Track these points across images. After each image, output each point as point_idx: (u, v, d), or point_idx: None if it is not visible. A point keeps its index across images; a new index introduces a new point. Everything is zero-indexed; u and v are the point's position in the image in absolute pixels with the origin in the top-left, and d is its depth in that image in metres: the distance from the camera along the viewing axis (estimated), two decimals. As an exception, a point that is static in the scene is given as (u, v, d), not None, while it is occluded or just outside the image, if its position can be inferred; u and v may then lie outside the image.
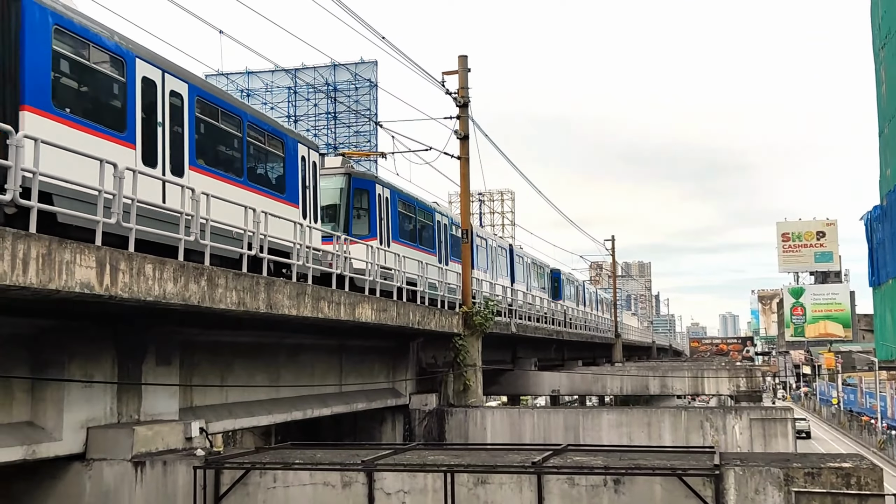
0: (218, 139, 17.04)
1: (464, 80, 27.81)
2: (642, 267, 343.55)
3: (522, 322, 36.04)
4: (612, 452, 14.68)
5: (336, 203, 23.28)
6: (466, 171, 27.81)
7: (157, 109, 14.89)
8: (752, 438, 22.36)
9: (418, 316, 22.95)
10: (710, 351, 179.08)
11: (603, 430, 23.19)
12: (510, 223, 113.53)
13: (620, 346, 65.87)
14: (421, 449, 15.92)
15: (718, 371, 43.90)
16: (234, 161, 17.43)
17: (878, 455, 67.66)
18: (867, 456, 13.63)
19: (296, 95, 69.16)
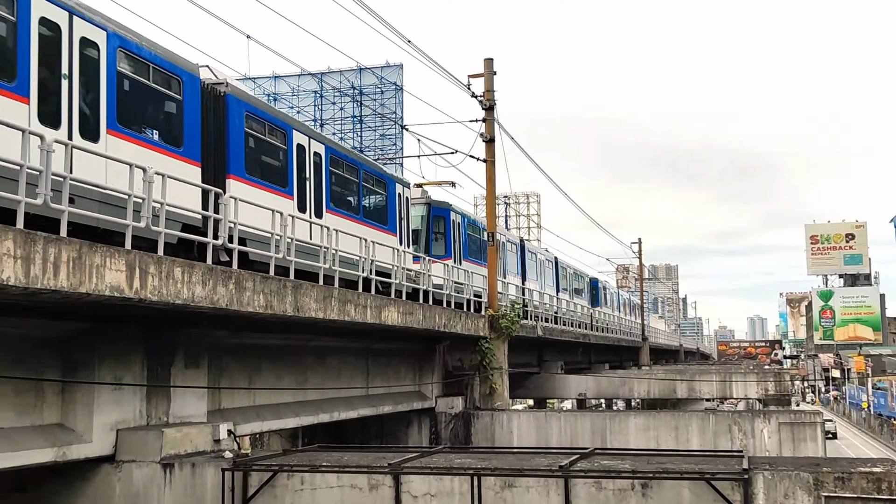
0: (345, 186, 21.06)
1: (489, 83, 27.81)
2: (669, 270, 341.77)
3: (549, 325, 35.95)
4: (640, 456, 14.60)
5: (419, 228, 26.90)
6: (492, 173, 27.79)
7: (305, 168, 18.67)
8: (780, 442, 22.18)
9: (444, 319, 22.96)
10: (738, 354, 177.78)
11: (630, 434, 23.08)
12: (536, 226, 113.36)
13: (647, 349, 65.52)
14: (447, 452, 15.92)
15: (746, 375, 43.56)
16: (354, 202, 21.46)
17: (909, 460, 66.80)
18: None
19: (322, 99, 69.39)
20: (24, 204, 10.27)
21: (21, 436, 12.30)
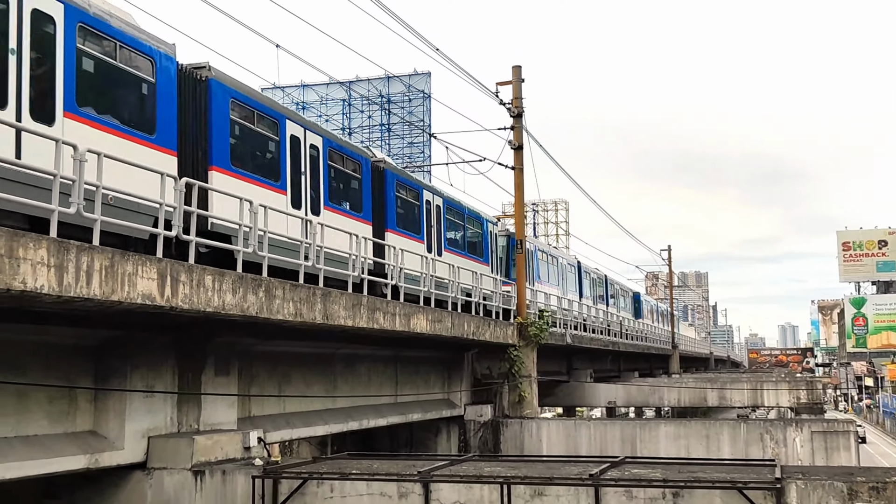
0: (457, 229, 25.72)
1: (517, 90, 27.79)
2: (699, 277, 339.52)
3: (578, 333, 35.82)
4: (671, 465, 14.49)
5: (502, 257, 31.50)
6: (521, 181, 27.75)
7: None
8: (813, 451, 21.94)
9: (473, 326, 22.94)
10: (769, 362, 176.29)
11: (660, 443, 22.92)
12: (564, 233, 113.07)
13: (678, 357, 65.09)
14: (477, 460, 15.89)
15: (778, 383, 43.15)
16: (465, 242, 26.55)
17: (945, 469, 65.85)
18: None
19: (350, 108, 69.73)
20: (56, 213, 10.37)
21: (54, 443, 12.43)
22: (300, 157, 17.27)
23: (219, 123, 15.04)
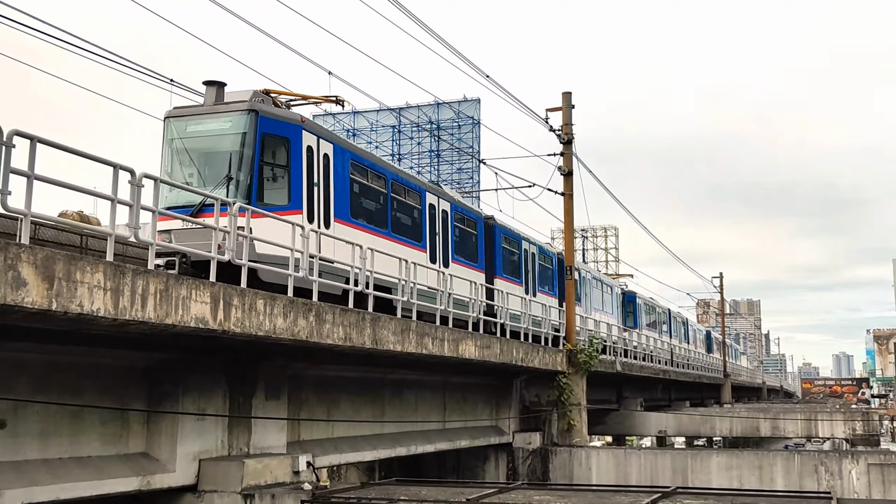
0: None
1: (567, 116, 27.77)
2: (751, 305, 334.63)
3: (628, 361, 35.48)
4: (723, 496, 14.26)
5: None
6: (570, 207, 27.68)
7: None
8: (870, 484, 21.39)
9: (521, 353, 22.83)
10: (823, 392, 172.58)
11: (712, 473, 22.52)
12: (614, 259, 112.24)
13: (729, 386, 64.14)
14: (525, 488, 15.78)
15: (833, 413, 42.26)
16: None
17: None
18: None
19: (399, 134, 70.17)
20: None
21: (107, 464, 12.58)
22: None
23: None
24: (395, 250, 18.57)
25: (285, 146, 16.43)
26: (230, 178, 15.72)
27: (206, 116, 16.35)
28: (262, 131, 15.98)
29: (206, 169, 16.12)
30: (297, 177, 16.38)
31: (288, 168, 16.37)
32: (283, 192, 16.19)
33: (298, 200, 16.28)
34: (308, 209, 16.41)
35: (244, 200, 14.79)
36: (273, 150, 16.27)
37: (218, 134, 16.26)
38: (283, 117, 16.58)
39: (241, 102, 16.22)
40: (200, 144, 16.37)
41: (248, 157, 15.84)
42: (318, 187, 16.86)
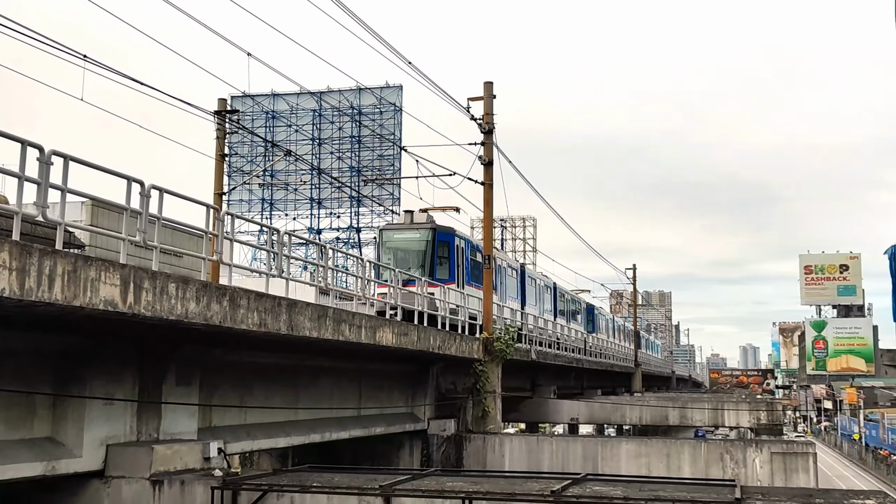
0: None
1: (489, 106, 27.89)
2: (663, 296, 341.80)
3: (543, 349, 35.90)
4: (632, 483, 14.53)
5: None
6: (490, 197, 27.83)
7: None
8: (772, 472, 22.09)
9: (439, 341, 22.92)
10: (730, 383, 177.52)
11: (622, 460, 22.99)
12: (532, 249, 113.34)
13: (640, 375, 65.47)
14: (439, 475, 15.84)
15: (739, 403, 43.50)
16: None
17: (900, 493, 66.69)
18: (891, 493, 13.44)
19: (321, 118, 69.62)
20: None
21: (11, 449, 12.22)
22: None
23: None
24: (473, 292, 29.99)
25: (448, 246, 29.60)
26: (422, 265, 28.88)
27: (408, 231, 29.92)
28: (439, 238, 29.55)
29: (409, 259, 29.26)
30: (453, 263, 29.48)
31: (448, 258, 29.41)
32: (447, 270, 29.16)
33: (453, 275, 29.11)
34: (458, 280, 29.29)
35: (429, 277, 27.28)
36: (440, 250, 29.48)
37: (414, 240, 29.61)
38: (449, 231, 30.02)
39: (426, 224, 29.88)
40: (402, 245, 29.80)
41: (430, 253, 29.29)
42: (461, 267, 29.85)
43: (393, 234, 30.17)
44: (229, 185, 52.73)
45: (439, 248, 29.38)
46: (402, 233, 29.94)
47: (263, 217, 68.24)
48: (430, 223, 29.95)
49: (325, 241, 64.55)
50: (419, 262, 28.96)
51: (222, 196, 30.72)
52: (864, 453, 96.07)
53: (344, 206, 70.98)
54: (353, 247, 68.87)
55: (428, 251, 29.18)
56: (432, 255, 29.13)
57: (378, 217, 69.45)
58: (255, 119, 68.45)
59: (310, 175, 66.61)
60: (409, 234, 29.64)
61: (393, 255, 29.36)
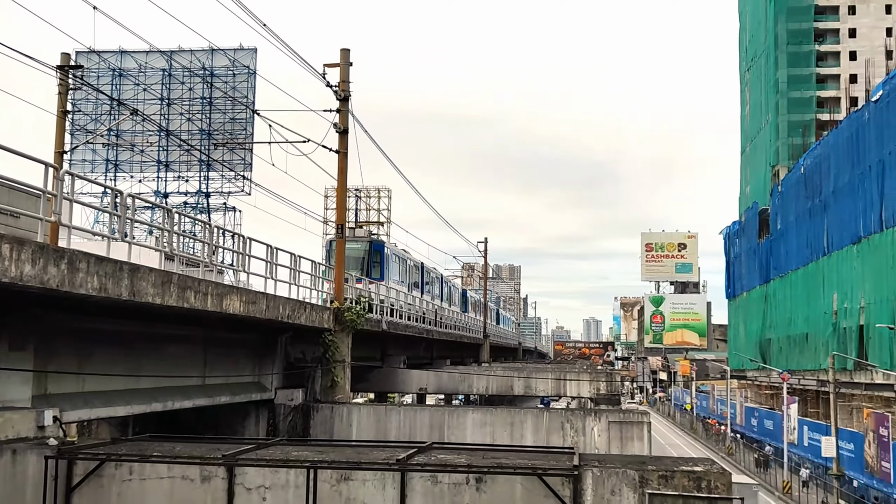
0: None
1: (345, 73, 27.62)
2: (512, 270, 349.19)
3: (394, 320, 36.08)
4: (476, 451, 14.85)
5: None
6: (344, 165, 27.62)
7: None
8: (609, 440, 22.98)
9: (288, 310, 22.68)
10: (574, 354, 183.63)
11: (468, 429, 23.43)
12: (386, 220, 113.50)
13: (488, 346, 66.70)
14: (285, 444, 15.75)
15: (580, 374, 45.01)
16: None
17: (726, 460, 70.69)
18: (717, 461, 14.22)
19: (170, 78, 67.36)
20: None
21: None
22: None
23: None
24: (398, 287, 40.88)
25: (380, 254, 39.47)
26: (361, 268, 37.66)
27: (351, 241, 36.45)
28: (374, 249, 39.45)
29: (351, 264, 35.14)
30: (383, 266, 39.07)
31: (380, 263, 38.96)
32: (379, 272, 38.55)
33: (383, 275, 38.69)
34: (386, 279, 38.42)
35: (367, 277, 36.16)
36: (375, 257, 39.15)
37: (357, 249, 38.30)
38: (380, 242, 40.29)
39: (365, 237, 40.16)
40: (351, 254, 35.91)
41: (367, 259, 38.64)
42: (388, 269, 39.16)
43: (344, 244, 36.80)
44: (72, 143, 50.36)
45: (374, 255, 39.73)
46: (347, 243, 36.10)
47: (107, 178, 65.62)
48: (367, 237, 41.20)
49: (173, 205, 62.71)
50: (359, 265, 38.21)
51: (63, 155, 29.30)
52: (694, 423, 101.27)
53: (193, 170, 69.08)
54: (201, 212, 67.19)
55: (365, 258, 39.30)
56: (369, 260, 39.34)
57: (228, 182, 67.99)
58: (100, 76, 65.58)
59: (157, 136, 64.44)
60: (353, 245, 38.08)
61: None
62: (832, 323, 61.08)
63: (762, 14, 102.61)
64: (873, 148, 53.85)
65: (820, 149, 67.66)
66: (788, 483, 54.07)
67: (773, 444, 66.68)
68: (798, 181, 72.79)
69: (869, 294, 54.21)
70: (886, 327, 45.03)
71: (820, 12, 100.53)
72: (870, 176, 54.20)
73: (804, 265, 69.94)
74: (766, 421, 72.72)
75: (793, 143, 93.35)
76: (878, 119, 53.18)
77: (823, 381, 57.57)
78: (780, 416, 63.48)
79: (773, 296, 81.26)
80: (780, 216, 79.63)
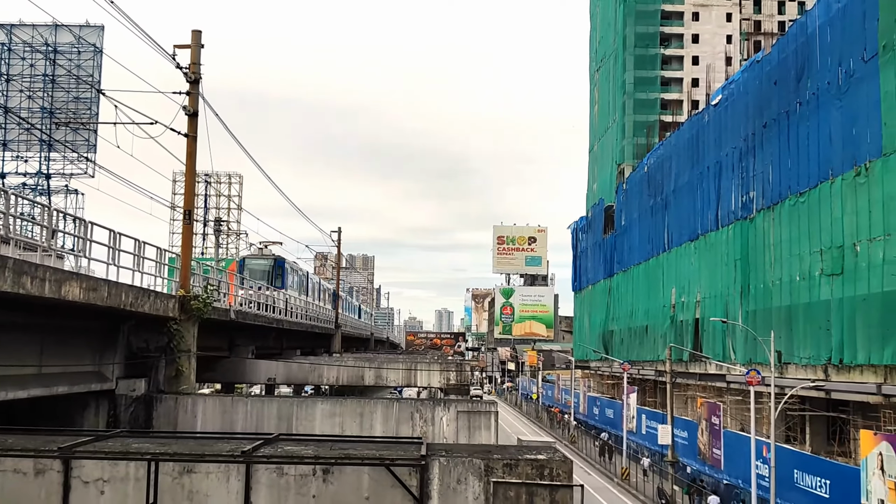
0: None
1: (196, 55, 26.91)
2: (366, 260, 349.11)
3: (242, 309, 35.47)
4: (324, 442, 14.80)
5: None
6: (193, 149, 26.92)
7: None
8: (458, 430, 23.31)
9: (131, 297, 21.95)
10: (425, 345, 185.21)
11: (316, 420, 23.31)
12: (237, 207, 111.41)
13: (340, 336, 66.44)
14: (125, 436, 15.27)
15: (431, 364, 45.42)
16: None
17: (569, 448, 72.92)
18: (560, 449, 14.65)
19: (10, 53, 64.01)
20: None
21: None
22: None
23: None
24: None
25: (282, 268, 50.36)
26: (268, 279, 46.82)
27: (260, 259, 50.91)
28: (277, 264, 50.33)
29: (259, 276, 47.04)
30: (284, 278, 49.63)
31: (281, 275, 49.66)
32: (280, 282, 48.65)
33: (284, 285, 48.76)
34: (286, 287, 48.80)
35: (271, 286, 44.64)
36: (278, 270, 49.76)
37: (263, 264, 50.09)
38: (281, 259, 51.32)
39: (271, 255, 51.51)
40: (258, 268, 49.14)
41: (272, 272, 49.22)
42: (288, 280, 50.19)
43: (251, 260, 51.57)
44: None
45: (277, 269, 50.51)
46: (256, 260, 51.39)
47: (-63, 156, 61.80)
48: (272, 255, 52.23)
49: (10, 186, 59.68)
50: (266, 277, 48.62)
51: None
52: (540, 412, 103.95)
53: (33, 150, 65.95)
54: (41, 194, 64.20)
55: (270, 271, 50.07)
56: (273, 273, 50.00)
57: (70, 164, 65.23)
58: (-69, 47, 61.67)
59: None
60: (261, 261, 51.00)
61: (250, 272, 48.05)
62: (670, 316, 63.79)
63: (612, 16, 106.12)
64: (712, 150, 56.48)
65: (662, 149, 70.45)
66: (626, 469, 56.25)
67: (613, 433, 69.18)
68: (642, 180, 75.59)
69: (704, 289, 56.89)
70: (719, 321, 47.34)
71: (666, 17, 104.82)
72: (708, 176, 56.83)
73: (646, 260, 72.74)
74: (607, 410, 75.37)
75: (638, 143, 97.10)
76: (716, 122, 55.80)
77: (661, 371, 60.10)
78: (620, 405, 65.91)
79: (617, 289, 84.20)
80: (624, 213, 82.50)
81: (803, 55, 42.48)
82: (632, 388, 63.90)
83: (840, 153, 38.30)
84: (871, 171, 35.40)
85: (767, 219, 46.34)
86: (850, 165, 37.17)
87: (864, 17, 36.46)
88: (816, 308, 39.79)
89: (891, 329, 33.40)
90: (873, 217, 35.15)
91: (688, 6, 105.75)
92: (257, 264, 50.11)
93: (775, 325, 42.79)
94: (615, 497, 51.56)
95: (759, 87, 48.48)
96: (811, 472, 34.11)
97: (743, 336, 48.25)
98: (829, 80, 39.62)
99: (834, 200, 38.61)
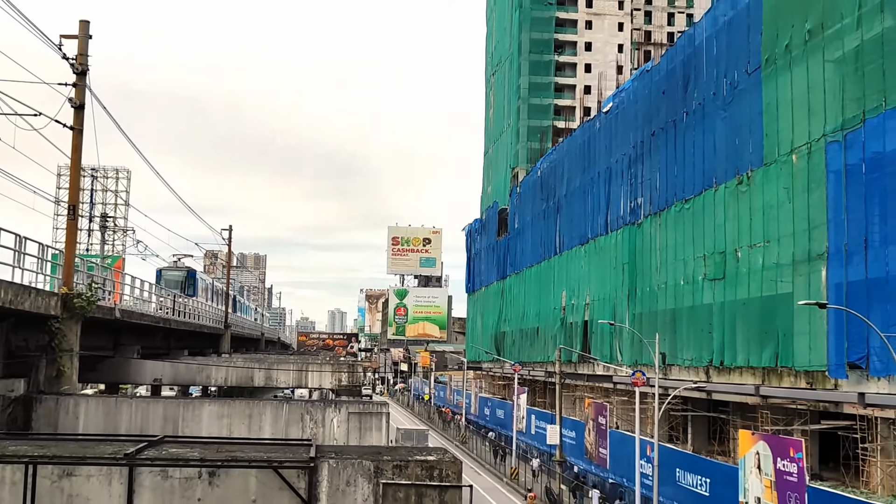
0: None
1: (83, 46, 26.10)
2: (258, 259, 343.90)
3: (128, 308, 34.56)
4: (211, 444, 14.55)
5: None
6: (79, 143, 26.10)
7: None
8: (349, 431, 23.20)
9: (10, 294, 21.15)
10: (317, 345, 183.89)
11: (204, 422, 22.87)
12: (124, 203, 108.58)
13: (229, 337, 65.35)
14: (1, 438, 14.71)
15: (323, 365, 45.11)
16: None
17: (460, 448, 73.45)
18: (451, 450, 14.79)
19: None
20: None
21: None
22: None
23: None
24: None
25: (194, 279, 58.67)
26: (182, 288, 54.44)
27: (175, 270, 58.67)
28: (190, 275, 58.51)
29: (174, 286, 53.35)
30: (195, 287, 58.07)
31: (193, 285, 57.62)
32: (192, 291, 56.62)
33: (195, 293, 56.98)
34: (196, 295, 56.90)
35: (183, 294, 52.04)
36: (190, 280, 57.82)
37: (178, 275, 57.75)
38: (193, 270, 60.25)
39: (184, 267, 60.18)
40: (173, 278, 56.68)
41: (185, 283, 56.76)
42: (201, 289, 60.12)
43: (167, 272, 57.69)
44: None
45: (189, 280, 57.43)
46: (171, 272, 57.94)
47: None
48: (186, 267, 59.81)
49: None
50: (180, 287, 54.35)
51: None
52: (432, 412, 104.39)
53: None
54: (-87, 185, 61.18)
55: (184, 281, 56.62)
56: (185, 283, 56.48)
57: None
58: None
59: None
60: (175, 272, 57.92)
61: (166, 282, 53.67)
62: (560, 318, 64.97)
63: (507, 21, 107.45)
64: (602, 156, 57.79)
65: (555, 154, 71.70)
66: (515, 469, 57.01)
67: (504, 433, 70.00)
68: (535, 184, 76.75)
69: (594, 292, 58.16)
70: (607, 323, 48.46)
71: (560, 24, 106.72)
72: (598, 182, 58.12)
73: (538, 263, 73.90)
74: (498, 410, 76.22)
75: (531, 148, 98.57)
76: (607, 129, 57.13)
77: (551, 372, 61.09)
78: (510, 405, 66.74)
79: (509, 291, 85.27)
80: (517, 216, 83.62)
81: (690, 66, 43.90)
82: (522, 388, 64.80)
83: (724, 162, 39.73)
84: (752, 179, 36.84)
85: (654, 224, 47.68)
86: (733, 174, 38.60)
87: (749, 30, 37.91)
88: (699, 311, 41.15)
89: (769, 332, 34.80)
90: (754, 224, 36.59)
91: (581, 14, 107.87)
92: (172, 275, 57.13)
93: (660, 327, 44.07)
94: (504, 497, 52.20)
95: (648, 96, 49.86)
96: (692, 471, 35.25)
97: (629, 338, 49.51)
98: (714, 91, 41.05)
99: (717, 208, 40.03)
